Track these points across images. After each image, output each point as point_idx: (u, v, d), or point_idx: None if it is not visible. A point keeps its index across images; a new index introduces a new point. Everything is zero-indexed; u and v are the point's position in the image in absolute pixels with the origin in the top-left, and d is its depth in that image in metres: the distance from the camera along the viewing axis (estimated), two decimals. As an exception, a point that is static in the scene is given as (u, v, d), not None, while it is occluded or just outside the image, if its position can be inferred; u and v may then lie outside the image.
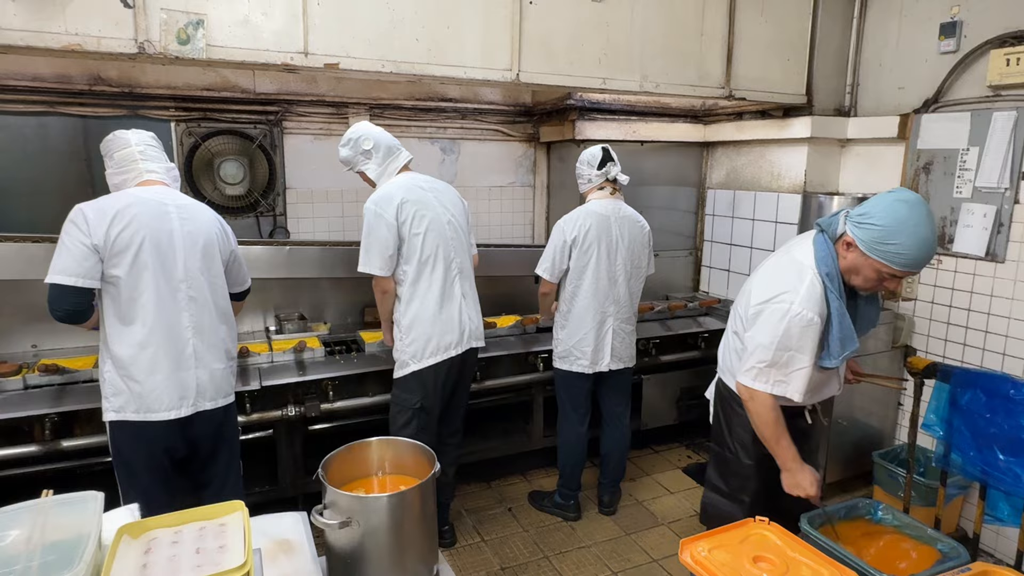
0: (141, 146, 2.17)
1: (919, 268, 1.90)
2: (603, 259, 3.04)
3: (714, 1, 3.30)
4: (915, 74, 3.42)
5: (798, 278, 1.97)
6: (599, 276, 3.04)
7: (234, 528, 1.15)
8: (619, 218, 3.08)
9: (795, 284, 1.96)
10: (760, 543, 1.58)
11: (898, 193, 1.90)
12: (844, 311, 1.95)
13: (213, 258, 2.22)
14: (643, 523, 3.29)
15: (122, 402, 2.08)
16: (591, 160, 3.08)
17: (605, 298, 3.06)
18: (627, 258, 3.09)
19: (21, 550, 1.02)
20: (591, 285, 3.04)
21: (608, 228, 3.04)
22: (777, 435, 2.01)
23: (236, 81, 3.42)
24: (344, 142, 2.72)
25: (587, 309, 3.06)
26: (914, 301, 3.48)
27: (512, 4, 2.81)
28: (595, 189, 3.12)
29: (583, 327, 3.06)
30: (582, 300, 3.06)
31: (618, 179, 3.11)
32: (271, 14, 2.41)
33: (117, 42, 2.20)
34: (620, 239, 3.07)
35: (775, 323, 1.95)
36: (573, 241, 3.02)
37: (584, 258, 3.03)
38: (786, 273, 2.02)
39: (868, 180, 3.68)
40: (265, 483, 3.01)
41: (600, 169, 3.07)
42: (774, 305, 1.97)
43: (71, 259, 1.96)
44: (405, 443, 1.62)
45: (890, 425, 3.63)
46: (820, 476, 2.54)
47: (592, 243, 3.01)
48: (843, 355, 1.96)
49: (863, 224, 1.89)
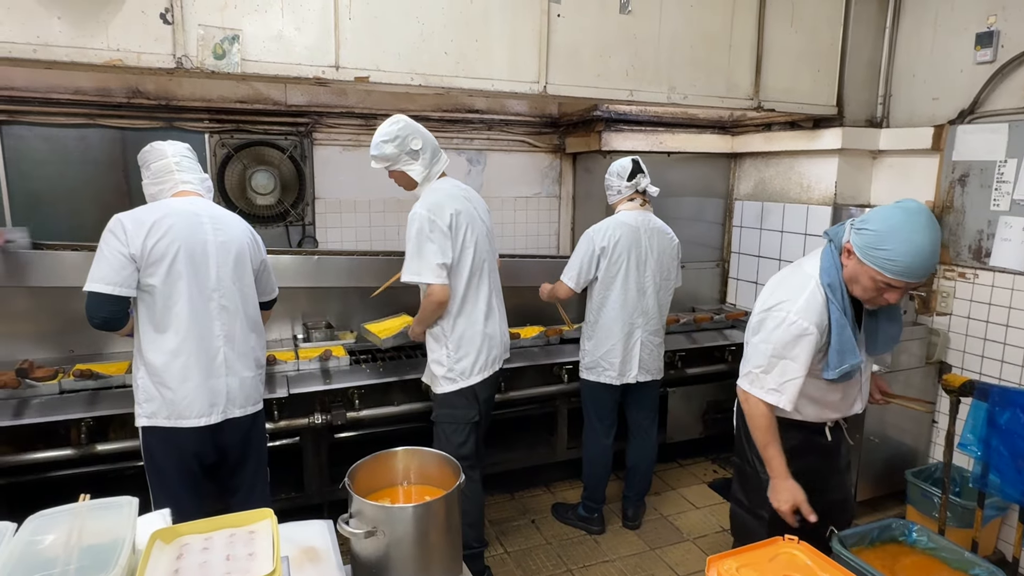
0: (177, 157, 2.22)
1: (914, 277, 1.82)
2: (632, 270, 3.02)
3: (743, 12, 3.28)
4: (950, 84, 3.36)
5: (800, 288, 1.99)
6: (628, 287, 3.03)
7: (263, 536, 1.17)
8: (649, 230, 3.07)
9: (796, 294, 1.98)
10: (790, 563, 1.55)
11: (902, 201, 1.88)
12: (845, 323, 1.94)
13: (244, 268, 2.27)
14: (668, 538, 3.25)
15: (154, 408, 2.13)
16: (620, 172, 3.08)
17: (633, 310, 3.05)
18: (656, 270, 3.08)
19: (59, 553, 1.05)
20: (620, 296, 3.03)
21: (638, 239, 3.03)
22: (766, 441, 2.02)
23: (268, 94, 3.50)
24: (388, 136, 2.46)
25: (615, 320, 3.04)
26: (949, 316, 3.39)
27: (540, 17, 2.83)
28: (624, 200, 3.12)
29: (611, 338, 3.05)
30: (610, 311, 3.05)
31: (648, 190, 3.10)
32: (304, 29, 2.46)
33: (156, 57, 2.27)
34: (650, 251, 3.05)
35: (771, 330, 1.98)
36: (602, 251, 3.01)
37: (613, 269, 3.02)
38: (790, 283, 2.05)
39: (901, 192, 3.61)
40: (291, 490, 3.04)
41: (630, 180, 3.06)
42: (773, 313, 2.00)
43: (109, 268, 2.02)
44: (431, 454, 1.62)
45: (924, 443, 3.54)
46: (852, 496, 2.49)
47: (622, 254, 3.00)
48: (841, 368, 1.93)
49: (861, 230, 1.87)
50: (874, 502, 3.44)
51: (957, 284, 3.36)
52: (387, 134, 2.47)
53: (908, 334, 3.30)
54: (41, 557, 1.04)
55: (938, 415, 3.49)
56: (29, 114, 3.07)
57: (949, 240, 3.37)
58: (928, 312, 3.47)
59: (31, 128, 3.10)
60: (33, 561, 1.03)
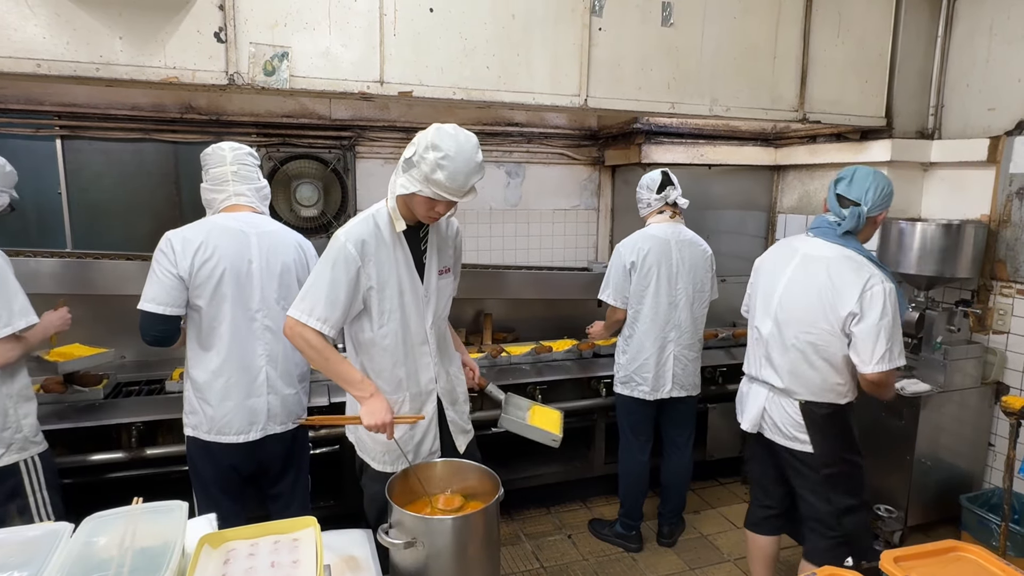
0: (235, 165, 2.21)
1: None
2: (663, 283, 2.99)
3: (787, 23, 3.24)
4: (1007, 94, 3.24)
5: (863, 264, 2.15)
6: (659, 300, 2.99)
7: (307, 544, 1.18)
8: (679, 241, 3.03)
9: (868, 267, 2.13)
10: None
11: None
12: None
13: (290, 287, 2.24)
14: (708, 558, 3.17)
15: (196, 421, 2.18)
16: (650, 184, 3.07)
17: (666, 323, 3.01)
18: (688, 282, 3.03)
19: (114, 554, 1.08)
20: (651, 310, 3.00)
21: (668, 252, 3.00)
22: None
23: (313, 108, 3.59)
24: (480, 149, 1.89)
25: (647, 334, 3.01)
26: (1007, 335, 3.25)
27: (581, 31, 2.84)
28: (655, 213, 3.09)
29: (644, 352, 3.02)
30: (642, 325, 3.02)
31: (678, 203, 3.06)
32: (350, 46, 2.52)
33: (210, 74, 2.36)
34: (681, 263, 3.01)
35: (882, 304, 2.08)
36: (632, 265, 2.99)
37: (644, 282, 2.99)
38: (848, 266, 2.16)
39: (953, 205, 3.50)
40: (331, 497, 3.08)
41: (659, 193, 3.04)
42: (870, 291, 2.09)
43: (160, 288, 2.06)
44: (470, 466, 1.63)
45: (979, 467, 3.39)
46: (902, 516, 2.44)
47: (651, 267, 2.97)
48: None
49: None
50: (926, 527, 3.30)
51: (1015, 301, 3.22)
52: (478, 145, 1.89)
53: (962, 353, 3.18)
54: (96, 558, 1.08)
55: (995, 438, 3.33)
56: (89, 129, 3.21)
57: (1006, 256, 3.23)
58: (984, 330, 3.33)
59: (91, 143, 3.25)
60: (89, 562, 1.07)
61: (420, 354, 2.06)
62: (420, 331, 2.04)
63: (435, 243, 2.08)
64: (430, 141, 1.80)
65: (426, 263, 2.05)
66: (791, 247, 2.36)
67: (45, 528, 1.21)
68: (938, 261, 3.18)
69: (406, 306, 2.01)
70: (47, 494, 2.15)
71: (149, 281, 2.08)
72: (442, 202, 1.87)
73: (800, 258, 2.29)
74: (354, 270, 1.91)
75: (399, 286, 1.99)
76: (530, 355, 3.54)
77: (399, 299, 1.99)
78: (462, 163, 1.80)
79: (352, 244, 1.92)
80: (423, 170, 1.80)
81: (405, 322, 2.01)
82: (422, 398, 2.08)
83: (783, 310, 2.30)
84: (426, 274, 2.05)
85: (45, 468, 2.16)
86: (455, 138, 1.81)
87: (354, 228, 1.96)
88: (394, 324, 1.99)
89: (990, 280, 3.32)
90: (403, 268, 2.00)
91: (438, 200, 1.85)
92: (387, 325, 1.99)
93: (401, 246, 2.00)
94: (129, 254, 3.10)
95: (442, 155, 1.78)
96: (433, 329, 2.06)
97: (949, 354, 3.14)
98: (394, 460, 2.04)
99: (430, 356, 2.07)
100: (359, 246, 1.93)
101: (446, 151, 1.78)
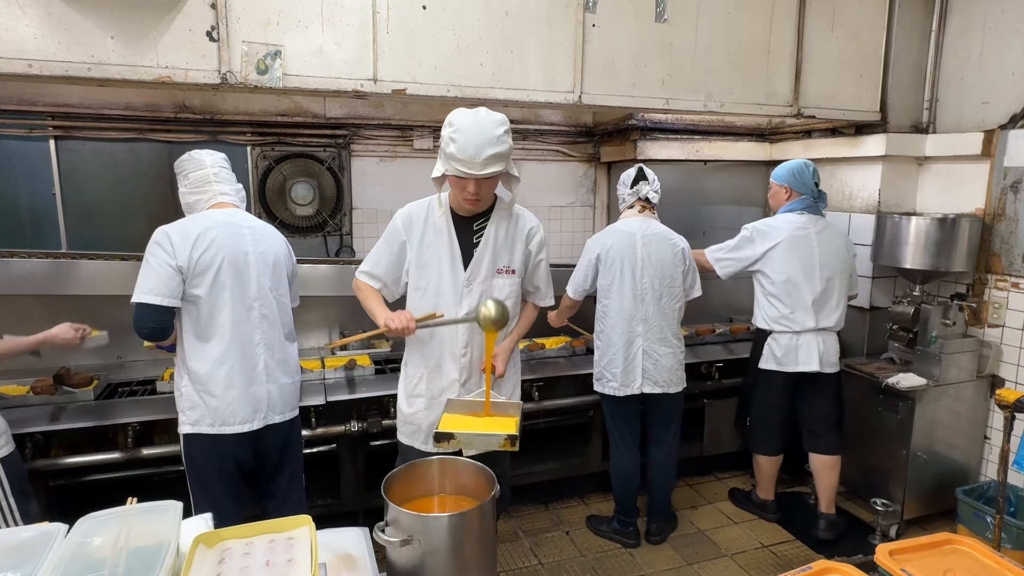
0: (215, 168, 2.28)
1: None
2: (627, 277, 2.97)
3: (781, 19, 3.24)
4: (1001, 88, 3.25)
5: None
6: (624, 295, 2.98)
7: (302, 542, 1.18)
8: (646, 235, 3.00)
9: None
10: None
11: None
12: None
13: (281, 278, 2.32)
14: (705, 553, 3.18)
15: (198, 416, 2.18)
16: (626, 180, 3.10)
17: (631, 317, 2.98)
18: (655, 276, 2.98)
19: (108, 554, 1.08)
20: (617, 304, 2.99)
21: (632, 246, 2.98)
22: None
23: (308, 107, 3.58)
24: (506, 125, 1.98)
25: (614, 328, 3.00)
26: (1001, 328, 3.26)
27: (575, 28, 2.84)
28: (627, 208, 3.12)
29: (612, 347, 3.01)
30: (610, 319, 3.02)
31: (649, 197, 3.07)
32: (343, 44, 2.51)
33: (202, 73, 2.35)
34: (647, 257, 2.97)
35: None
36: (597, 259, 3.01)
37: (608, 276, 3.00)
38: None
39: (948, 199, 3.50)
40: (327, 496, 3.08)
41: (632, 188, 3.06)
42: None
43: (157, 280, 2.07)
44: (466, 464, 1.63)
45: (975, 460, 3.40)
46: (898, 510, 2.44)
47: (615, 261, 2.97)
48: None
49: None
50: (922, 520, 3.31)
51: (1010, 295, 3.23)
52: (502, 122, 1.96)
53: (958, 347, 3.19)
54: (91, 559, 1.08)
55: (991, 431, 3.35)
56: (83, 129, 3.20)
57: (1001, 249, 3.24)
58: (979, 324, 3.34)
59: (84, 143, 3.24)
60: (83, 563, 1.07)
61: (449, 342, 2.21)
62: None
63: (493, 238, 2.19)
64: (448, 120, 1.96)
65: (475, 254, 2.16)
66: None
67: (39, 529, 1.21)
68: (933, 255, 3.20)
69: (444, 292, 2.16)
70: (13, 500, 2.05)
71: (144, 274, 2.08)
72: (470, 181, 1.98)
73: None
74: (397, 242, 2.20)
75: (439, 269, 2.15)
76: (523, 352, 3.54)
77: (436, 281, 2.16)
78: (474, 135, 1.91)
79: (400, 218, 2.21)
80: (444, 150, 1.96)
81: (438, 307, 2.15)
82: (441, 382, 2.24)
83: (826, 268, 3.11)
84: (471, 266, 2.16)
85: (9, 474, 2.07)
86: (470, 114, 1.96)
87: (409, 206, 2.21)
88: (427, 304, 2.16)
89: (985, 274, 3.33)
90: (445, 254, 2.15)
91: (463, 178, 1.96)
92: (419, 302, 2.19)
93: (448, 233, 2.14)
94: (124, 254, 3.09)
95: (454, 129, 1.93)
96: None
97: (944, 348, 3.15)
98: (411, 434, 2.29)
99: (459, 347, 2.20)
100: (407, 222, 2.19)
101: (458, 125, 1.93)
